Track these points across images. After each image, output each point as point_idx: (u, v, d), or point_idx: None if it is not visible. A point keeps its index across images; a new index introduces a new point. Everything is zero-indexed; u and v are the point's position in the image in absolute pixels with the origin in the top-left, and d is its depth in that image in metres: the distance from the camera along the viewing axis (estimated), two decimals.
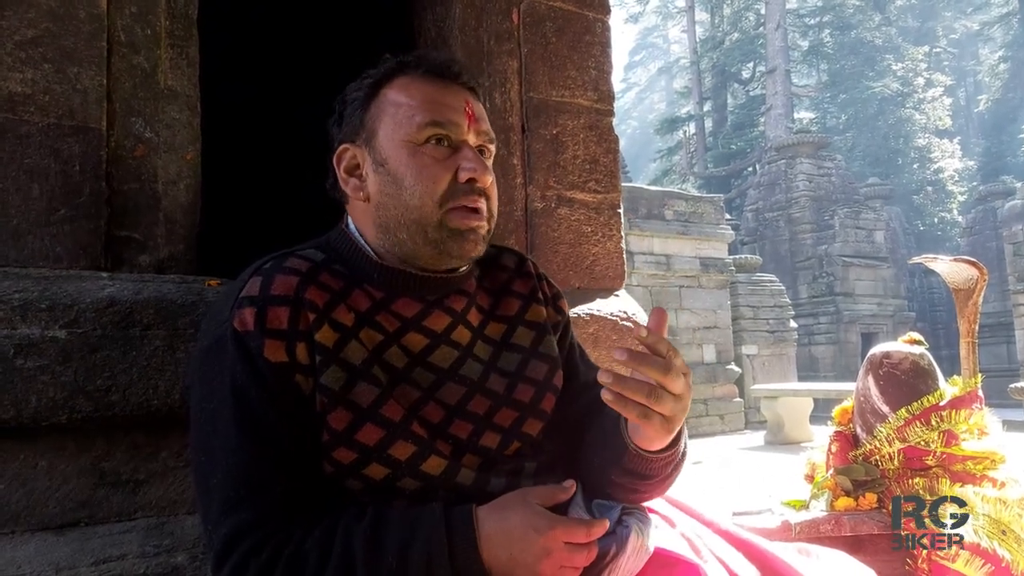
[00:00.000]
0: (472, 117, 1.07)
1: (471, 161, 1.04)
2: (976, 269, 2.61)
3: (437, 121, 1.03)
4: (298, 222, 1.64)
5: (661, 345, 0.93)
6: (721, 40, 30.76)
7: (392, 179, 1.04)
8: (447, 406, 1.04)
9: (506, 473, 1.05)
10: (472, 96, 1.09)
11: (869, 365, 2.39)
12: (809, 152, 19.22)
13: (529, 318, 1.17)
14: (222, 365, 0.97)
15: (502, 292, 1.18)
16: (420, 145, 1.03)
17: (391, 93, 1.06)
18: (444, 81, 1.07)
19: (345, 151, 1.09)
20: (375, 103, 1.07)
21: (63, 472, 1.29)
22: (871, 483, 2.25)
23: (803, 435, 8.84)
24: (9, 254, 1.33)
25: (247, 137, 2.49)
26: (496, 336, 1.14)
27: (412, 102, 1.04)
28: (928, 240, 26.35)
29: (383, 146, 1.05)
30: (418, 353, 1.05)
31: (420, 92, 1.05)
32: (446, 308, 1.09)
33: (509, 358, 1.13)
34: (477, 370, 1.08)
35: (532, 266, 1.24)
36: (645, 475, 1.04)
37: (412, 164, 1.03)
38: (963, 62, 37.76)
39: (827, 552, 1.18)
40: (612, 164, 2.14)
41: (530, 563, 0.92)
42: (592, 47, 2.12)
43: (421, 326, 1.06)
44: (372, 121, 1.06)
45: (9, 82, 1.35)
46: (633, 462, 1.03)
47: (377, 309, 1.05)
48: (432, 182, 1.02)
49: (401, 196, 1.03)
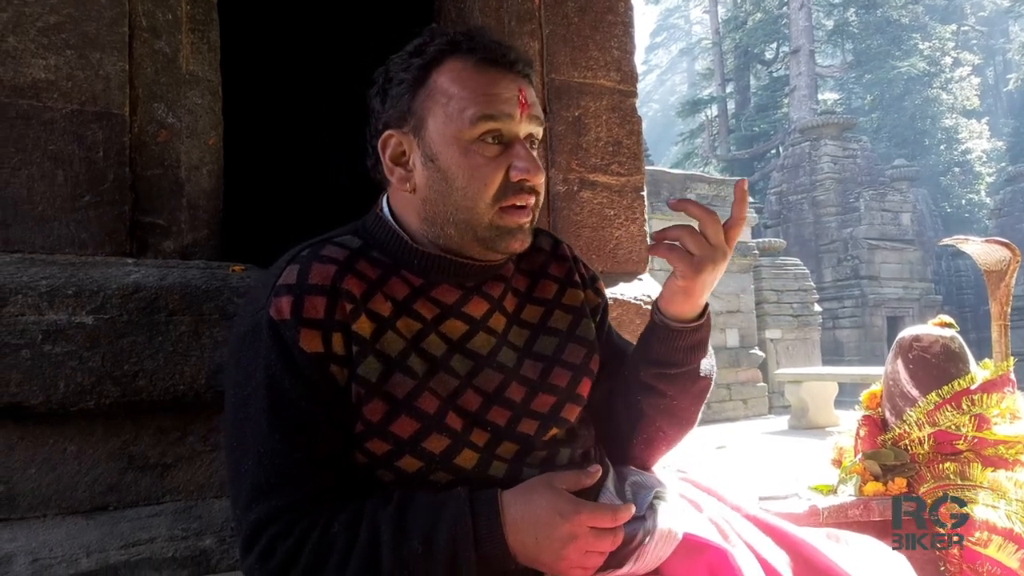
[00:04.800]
0: (525, 105, 1.02)
1: (523, 160, 1.00)
2: (1009, 250, 2.55)
3: (490, 115, 0.99)
4: (321, 206, 1.64)
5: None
6: (744, 20, 30.33)
7: (442, 176, 1.01)
8: (484, 393, 1.03)
9: (540, 462, 1.05)
10: (526, 82, 1.04)
11: (899, 348, 2.36)
12: (834, 133, 18.94)
13: (566, 302, 1.17)
14: (257, 352, 0.96)
15: (539, 275, 1.17)
16: (472, 142, 1.00)
17: (441, 80, 1.01)
18: (499, 69, 1.02)
19: (390, 137, 1.05)
20: (424, 89, 1.02)
21: (92, 457, 1.30)
22: (900, 468, 2.22)
23: (828, 420, 8.76)
24: (35, 240, 1.34)
25: (267, 121, 2.49)
26: (533, 319, 1.13)
27: (464, 93, 1.00)
28: (955, 222, 25.94)
29: (433, 140, 1.01)
30: (457, 340, 1.04)
31: (473, 82, 1.00)
32: (484, 294, 1.08)
33: (546, 342, 1.12)
34: (512, 357, 1.08)
35: (567, 249, 1.23)
36: (672, 362, 1.11)
37: (464, 164, 1.00)
38: (992, 40, 36.97)
39: (857, 538, 1.16)
40: (635, 146, 2.11)
41: (555, 547, 0.92)
42: (614, 27, 2.09)
43: (461, 312, 1.06)
44: (421, 109, 1.02)
45: (33, 68, 1.35)
46: (660, 342, 1.11)
47: (415, 296, 1.04)
48: (484, 184, 1.00)
49: (451, 195, 1.01)
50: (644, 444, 1.17)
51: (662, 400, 1.13)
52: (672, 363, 1.11)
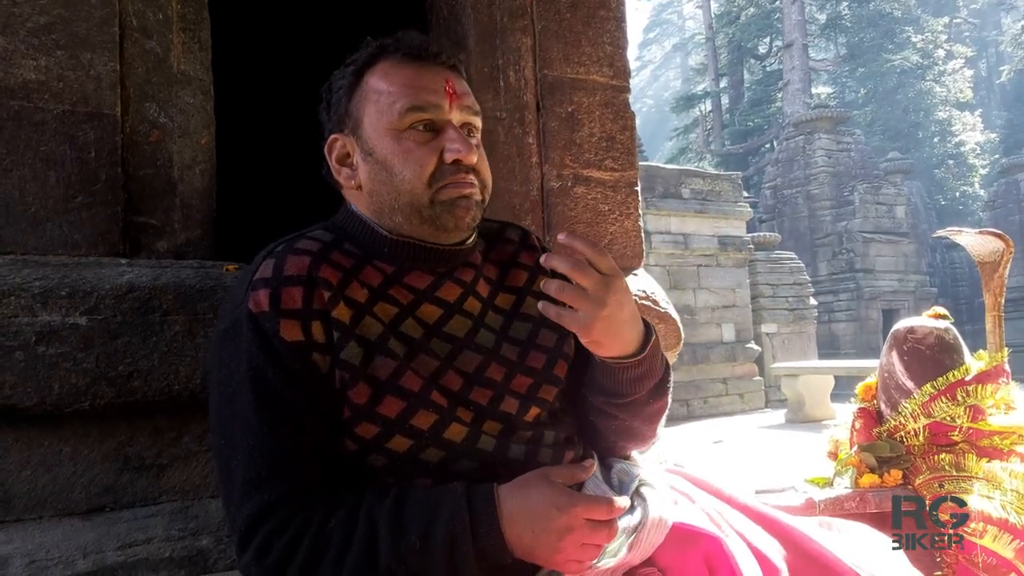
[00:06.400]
0: (454, 95, 1.07)
1: (455, 142, 1.04)
2: (1002, 241, 2.57)
3: (417, 105, 1.04)
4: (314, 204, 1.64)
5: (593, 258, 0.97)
6: (737, 15, 30.31)
7: (381, 167, 1.05)
8: (465, 374, 1.05)
9: (526, 441, 1.06)
10: (453, 74, 1.09)
11: (893, 340, 2.36)
12: (828, 127, 18.95)
13: (537, 289, 1.17)
14: (239, 347, 0.97)
15: (509, 264, 1.19)
16: (403, 131, 1.04)
17: (372, 80, 1.07)
18: (422, 63, 1.07)
19: (335, 141, 1.11)
20: (359, 91, 1.08)
21: (87, 458, 1.30)
22: (896, 460, 2.23)
23: (824, 413, 8.78)
24: (28, 242, 1.34)
25: (260, 120, 2.48)
26: (506, 306, 1.15)
27: (392, 88, 1.05)
28: (950, 214, 26.00)
29: (369, 135, 1.06)
30: (433, 324, 1.06)
31: (400, 77, 1.05)
32: (456, 279, 1.10)
33: (520, 327, 1.14)
34: (490, 339, 1.10)
35: (536, 240, 1.26)
36: (615, 392, 1.08)
37: (398, 151, 1.04)
38: (984, 32, 37.02)
39: (849, 525, 1.18)
40: (629, 141, 2.11)
41: (552, 540, 0.92)
42: (607, 22, 2.09)
43: (435, 297, 1.08)
44: (357, 110, 1.07)
45: (23, 69, 1.35)
46: (603, 375, 1.08)
47: (389, 283, 1.05)
48: (419, 166, 1.03)
49: (392, 182, 1.05)
50: (608, 450, 1.18)
51: (614, 422, 1.14)
52: (618, 394, 1.09)
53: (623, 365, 1.05)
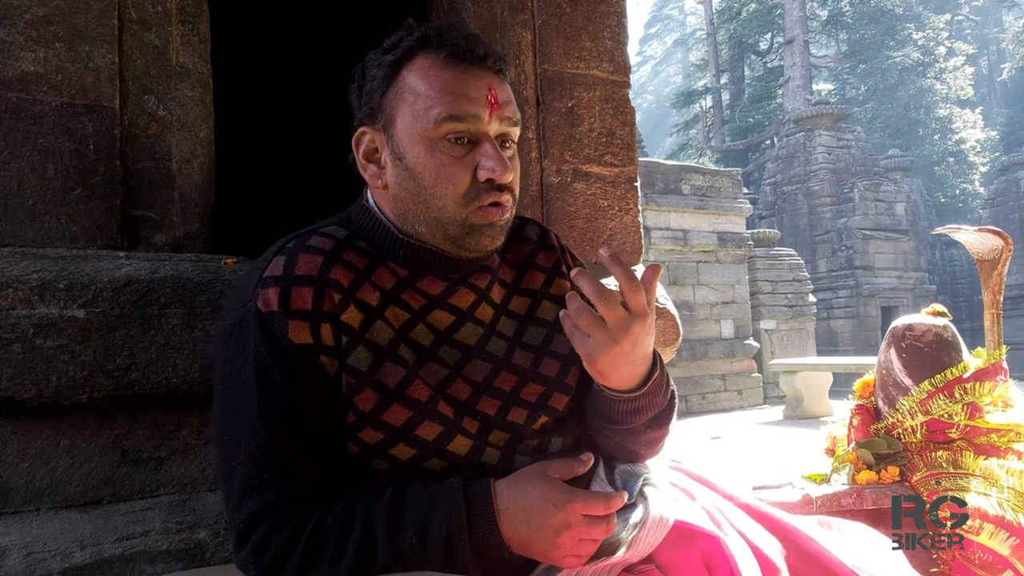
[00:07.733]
0: (495, 104, 1.00)
1: (490, 159, 0.99)
2: (1001, 239, 2.56)
3: (455, 115, 0.98)
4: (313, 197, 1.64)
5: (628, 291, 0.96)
6: (738, 11, 30.24)
7: (410, 175, 1.01)
8: (474, 383, 1.04)
9: (532, 450, 1.05)
10: (497, 79, 1.02)
11: (891, 337, 2.37)
12: (828, 124, 18.93)
13: (554, 292, 1.16)
14: (245, 345, 0.96)
15: (526, 265, 1.17)
16: (438, 142, 0.99)
17: (410, 78, 1.00)
18: (466, 66, 1.00)
19: (363, 134, 1.05)
20: (394, 87, 1.01)
21: (85, 450, 1.30)
22: (893, 456, 2.23)
23: (822, 410, 8.80)
24: (26, 234, 1.33)
25: (259, 113, 2.48)
26: (521, 310, 1.13)
27: (431, 92, 0.98)
28: (949, 212, 26.01)
29: (401, 138, 1.01)
30: (444, 331, 1.04)
31: (439, 81, 0.99)
32: (470, 285, 1.08)
33: (534, 332, 1.12)
34: (502, 347, 1.08)
35: (555, 238, 1.23)
36: (610, 419, 1.07)
37: (431, 163, 0.99)
38: (986, 30, 36.96)
39: (848, 524, 1.18)
40: (628, 137, 2.11)
41: (549, 536, 0.92)
42: (607, 17, 2.08)
43: (447, 303, 1.06)
44: (391, 107, 1.01)
45: (21, 61, 1.34)
46: (601, 401, 1.06)
47: (402, 287, 1.03)
48: (451, 184, 0.99)
49: (420, 194, 1.01)
50: (610, 457, 1.17)
51: (611, 441, 1.12)
52: (615, 421, 1.08)
53: (620, 398, 1.04)
